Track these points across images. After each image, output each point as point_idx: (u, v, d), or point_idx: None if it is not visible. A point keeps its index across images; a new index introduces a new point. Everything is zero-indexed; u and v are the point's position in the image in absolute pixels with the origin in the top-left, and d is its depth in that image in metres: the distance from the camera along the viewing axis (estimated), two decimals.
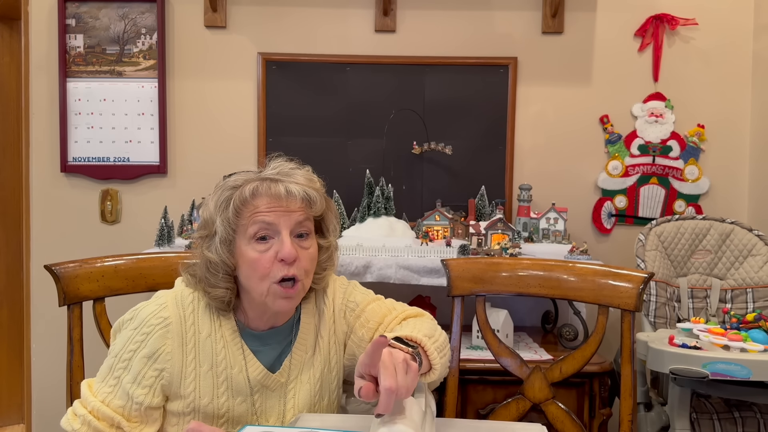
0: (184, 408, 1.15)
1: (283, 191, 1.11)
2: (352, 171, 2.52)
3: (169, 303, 1.16)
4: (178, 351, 1.14)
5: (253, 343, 1.19)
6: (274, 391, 1.19)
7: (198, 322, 1.16)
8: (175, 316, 1.15)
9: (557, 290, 1.51)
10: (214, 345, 1.15)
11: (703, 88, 2.55)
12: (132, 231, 2.53)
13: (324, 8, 2.52)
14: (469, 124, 2.52)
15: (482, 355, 1.98)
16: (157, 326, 1.14)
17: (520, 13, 2.53)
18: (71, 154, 2.50)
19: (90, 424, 1.11)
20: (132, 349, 1.14)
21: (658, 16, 2.51)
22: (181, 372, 1.14)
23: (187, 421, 1.15)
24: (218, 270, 1.13)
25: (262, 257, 1.10)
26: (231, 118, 2.53)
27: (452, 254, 2.10)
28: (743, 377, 1.64)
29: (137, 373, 1.13)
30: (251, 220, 1.10)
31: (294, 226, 1.12)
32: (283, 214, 1.11)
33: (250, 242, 1.11)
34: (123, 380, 1.13)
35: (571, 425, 1.44)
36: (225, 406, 1.16)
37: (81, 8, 2.48)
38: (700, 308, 2.26)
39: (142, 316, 1.15)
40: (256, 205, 1.11)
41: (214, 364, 1.15)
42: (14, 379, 3.00)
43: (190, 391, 1.14)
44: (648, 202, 2.56)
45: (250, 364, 1.17)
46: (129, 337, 1.15)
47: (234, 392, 1.16)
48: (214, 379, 1.15)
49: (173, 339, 1.14)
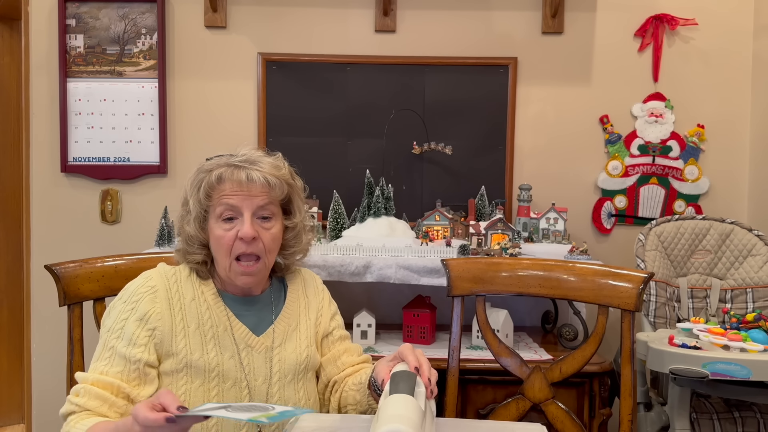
0: (177, 365, 1.21)
1: (245, 177, 1.23)
2: (352, 171, 2.52)
3: (153, 275, 1.28)
4: (167, 312, 1.23)
5: (236, 306, 1.30)
6: (260, 353, 1.29)
7: (182, 288, 1.27)
8: (161, 285, 1.26)
9: (557, 290, 1.52)
10: (199, 307, 1.26)
11: (703, 89, 2.55)
12: (132, 231, 2.53)
13: (324, 8, 2.52)
14: (469, 124, 2.52)
15: (482, 355, 1.98)
16: (144, 293, 1.24)
17: (520, 13, 2.53)
18: (71, 154, 2.50)
19: (90, 392, 1.15)
20: (123, 318, 1.22)
21: (658, 17, 2.51)
22: (172, 330, 1.22)
23: (180, 379, 1.21)
24: (194, 242, 1.28)
25: (226, 235, 1.23)
26: (231, 118, 2.53)
27: (452, 254, 2.10)
28: (743, 377, 1.64)
29: (131, 335, 1.20)
30: (218, 202, 1.24)
31: (256, 209, 1.24)
32: (245, 198, 1.23)
33: (218, 221, 1.24)
34: (118, 348, 1.20)
35: (571, 425, 1.44)
36: (215, 361, 1.23)
37: (81, 8, 2.48)
38: (700, 308, 2.26)
39: (130, 290, 1.26)
40: (222, 189, 1.24)
41: (200, 323, 1.25)
42: (14, 379, 3.00)
43: (181, 348, 1.22)
44: (648, 202, 2.56)
45: (234, 325, 1.28)
46: (119, 310, 1.24)
47: (221, 348, 1.25)
48: (202, 336, 1.24)
49: (161, 302, 1.24)
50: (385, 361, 1.21)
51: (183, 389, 1.21)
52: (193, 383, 1.22)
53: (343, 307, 1.46)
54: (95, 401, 1.15)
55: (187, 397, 1.21)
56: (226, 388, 1.23)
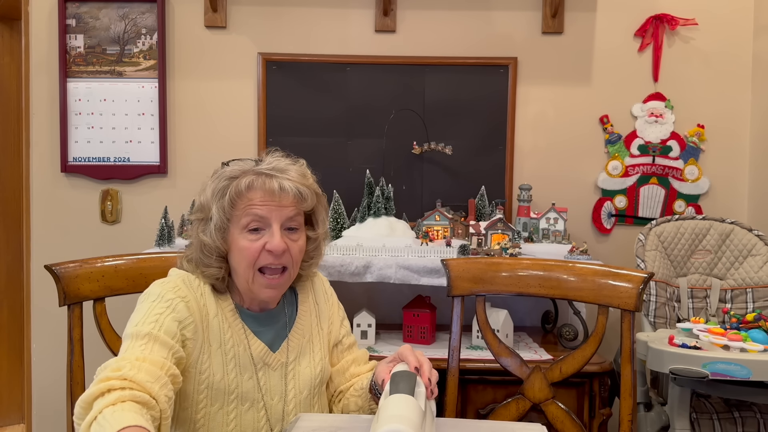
0: (198, 386, 1.16)
1: (277, 187, 1.17)
2: (352, 171, 2.52)
3: (180, 285, 1.19)
4: (199, 326, 1.17)
5: (252, 323, 1.24)
6: (276, 370, 1.24)
7: (207, 303, 1.20)
8: (191, 296, 1.18)
9: (557, 290, 1.51)
10: (221, 325, 1.20)
11: (703, 88, 2.55)
12: (132, 231, 2.53)
13: (324, 8, 2.52)
14: (469, 124, 2.52)
15: (482, 355, 1.98)
16: (177, 298, 1.16)
17: (520, 13, 2.53)
18: (71, 154, 2.50)
19: (140, 367, 0.99)
20: (158, 312, 1.12)
21: (658, 17, 2.51)
22: (201, 347, 1.17)
23: (200, 402, 1.16)
24: (212, 253, 1.19)
25: (252, 246, 1.17)
26: (231, 118, 2.53)
27: (452, 254, 2.10)
28: (743, 377, 1.64)
29: (169, 329, 1.10)
30: (245, 211, 1.17)
31: (285, 220, 1.18)
32: (275, 209, 1.17)
33: (242, 232, 1.17)
34: (157, 334, 1.08)
35: (571, 425, 1.44)
36: (234, 382, 1.19)
37: (81, 8, 2.48)
38: (700, 308, 2.26)
39: (157, 291, 1.17)
40: (250, 198, 1.17)
41: (222, 342, 1.19)
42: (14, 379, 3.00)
43: (206, 368, 1.17)
44: (648, 202, 2.56)
45: (252, 342, 1.22)
46: (149, 307, 1.13)
47: (241, 369, 1.20)
48: (223, 356, 1.19)
49: (195, 314, 1.17)
50: (384, 363, 1.21)
51: (202, 413, 1.17)
52: (213, 406, 1.17)
53: (344, 306, 1.46)
54: (144, 374, 0.98)
55: (206, 422, 1.16)
56: (244, 411, 1.19)
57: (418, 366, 1.12)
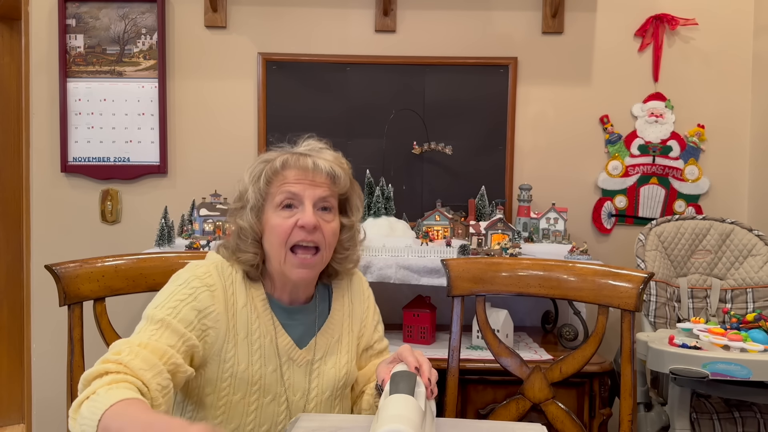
0: (222, 373, 1.17)
1: (311, 164, 1.20)
2: (352, 171, 2.51)
3: (212, 271, 1.20)
4: (223, 316, 1.17)
5: (282, 315, 1.24)
6: (301, 366, 1.24)
7: (236, 292, 1.20)
8: (219, 284, 1.19)
9: (557, 290, 1.51)
10: (249, 315, 1.20)
11: (703, 88, 2.55)
12: (132, 231, 2.53)
13: (324, 8, 2.52)
14: (469, 124, 2.52)
15: (482, 355, 1.98)
16: (203, 287, 1.16)
17: (520, 13, 2.53)
18: (71, 154, 2.50)
19: (137, 353, 1.01)
20: (179, 299, 1.14)
21: (658, 17, 2.51)
22: (226, 335, 1.17)
23: (222, 390, 1.17)
24: (247, 236, 1.20)
25: (284, 223, 1.18)
26: (231, 118, 2.53)
27: (452, 254, 2.10)
28: (743, 377, 1.64)
29: (185, 318, 1.12)
30: (279, 189, 1.19)
31: (317, 199, 1.20)
32: (308, 186, 1.19)
33: (276, 210, 1.19)
34: (171, 322, 1.10)
35: (571, 425, 1.44)
36: (258, 374, 1.19)
37: (81, 8, 2.48)
38: (700, 308, 2.26)
39: (186, 276, 1.18)
40: (285, 176, 1.20)
41: (249, 332, 1.19)
42: (14, 379, 3.00)
43: (230, 356, 1.17)
44: (648, 202, 2.56)
45: (279, 335, 1.22)
46: (172, 291, 1.15)
47: (266, 360, 1.20)
48: (249, 346, 1.19)
49: (219, 304, 1.17)
50: (385, 363, 1.21)
51: (224, 401, 1.18)
52: (235, 395, 1.18)
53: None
54: (140, 361, 1.00)
55: (227, 409, 1.18)
56: (266, 403, 1.20)
57: (418, 366, 1.12)
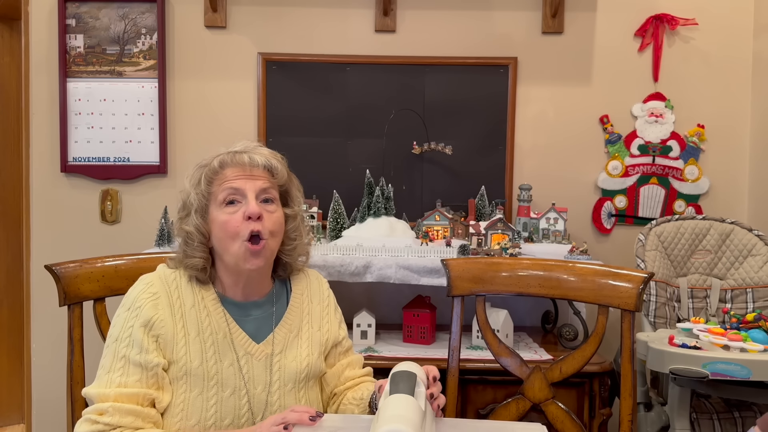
0: (177, 372, 1.21)
1: (247, 160, 1.25)
2: (352, 171, 2.52)
3: (154, 281, 1.26)
4: (169, 319, 1.22)
5: (235, 312, 1.28)
6: (260, 360, 1.27)
7: (182, 295, 1.25)
8: (162, 291, 1.24)
9: (557, 290, 1.51)
10: (199, 314, 1.25)
11: (703, 88, 2.55)
12: (132, 231, 2.53)
13: (324, 8, 2.52)
14: (469, 124, 2.52)
15: (482, 355, 1.98)
16: (147, 300, 1.23)
17: (520, 13, 2.53)
18: (71, 154, 2.50)
19: (119, 409, 1.14)
20: (130, 325, 1.21)
21: (658, 16, 2.51)
22: (174, 337, 1.22)
23: (179, 387, 1.21)
24: (194, 239, 1.25)
25: (231, 218, 1.22)
26: (231, 118, 2.53)
27: (452, 254, 2.10)
28: (743, 377, 1.64)
29: (140, 342, 1.19)
30: (221, 187, 1.24)
31: (259, 191, 1.24)
32: (248, 180, 1.24)
33: (221, 207, 1.23)
34: (131, 356, 1.19)
35: (571, 425, 1.44)
36: (214, 369, 1.22)
37: (81, 8, 2.48)
38: (700, 308, 2.26)
39: (131, 296, 1.25)
40: (224, 175, 1.24)
41: (200, 330, 1.24)
42: (14, 379, 3.00)
43: (181, 355, 1.21)
44: (648, 202, 2.56)
45: (233, 331, 1.26)
46: (124, 318, 1.23)
47: (221, 356, 1.24)
48: (201, 344, 1.23)
49: (164, 309, 1.23)
50: None
51: (182, 398, 1.21)
52: (192, 392, 1.21)
53: (343, 307, 1.46)
54: (128, 417, 1.14)
55: (186, 406, 1.20)
56: (225, 397, 1.22)
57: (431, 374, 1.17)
